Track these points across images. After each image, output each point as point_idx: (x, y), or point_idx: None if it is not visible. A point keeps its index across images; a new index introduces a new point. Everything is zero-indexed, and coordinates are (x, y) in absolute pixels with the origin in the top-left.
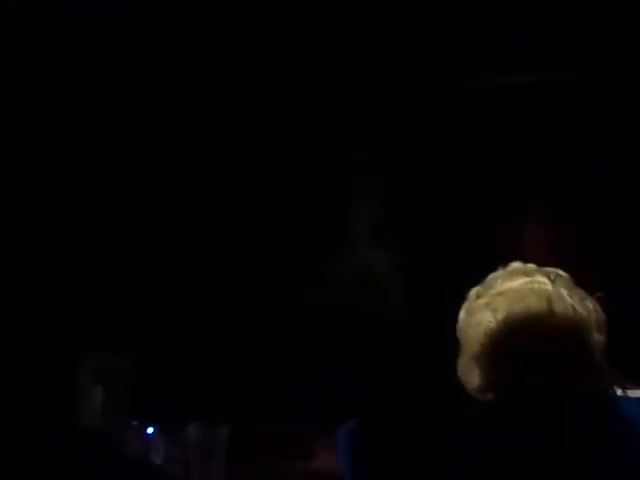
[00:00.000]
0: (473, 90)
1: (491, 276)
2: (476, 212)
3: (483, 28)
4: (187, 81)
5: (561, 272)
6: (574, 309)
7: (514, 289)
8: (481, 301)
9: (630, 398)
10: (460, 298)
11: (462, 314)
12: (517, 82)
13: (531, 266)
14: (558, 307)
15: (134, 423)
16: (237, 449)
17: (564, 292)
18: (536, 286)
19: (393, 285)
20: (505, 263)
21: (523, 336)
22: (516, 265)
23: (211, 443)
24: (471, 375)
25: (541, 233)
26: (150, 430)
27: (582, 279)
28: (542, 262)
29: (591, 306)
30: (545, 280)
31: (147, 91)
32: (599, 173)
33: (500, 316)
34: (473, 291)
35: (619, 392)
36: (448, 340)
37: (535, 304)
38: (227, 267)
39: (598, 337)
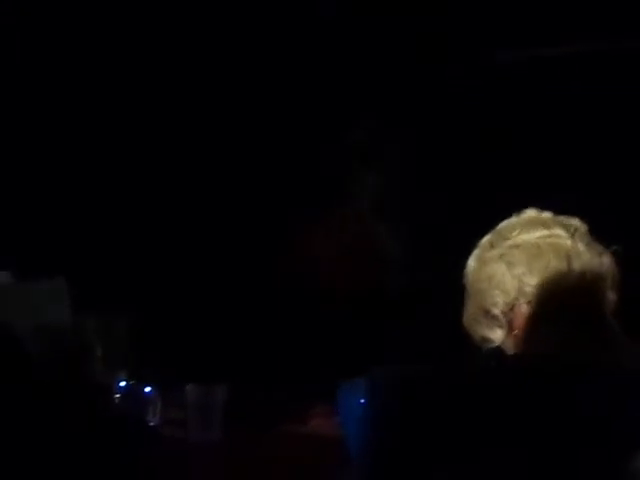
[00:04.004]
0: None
1: (505, 224)
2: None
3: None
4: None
5: (579, 223)
6: (591, 267)
7: (532, 243)
8: (495, 252)
9: None
10: None
11: (472, 262)
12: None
13: (547, 215)
14: (576, 265)
15: (131, 383)
16: (235, 412)
17: (582, 247)
18: (555, 240)
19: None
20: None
21: (539, 294)
22: (532, 214)
23: (209, 404)
24: (478, 326)
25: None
26: (147, 389)
27: None
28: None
29: (607, 263)
30: (564, 234)
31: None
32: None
33: (517, 272)
34: (485, 239)
35: None
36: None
37: (554, 261)
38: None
39: (612, 296)
